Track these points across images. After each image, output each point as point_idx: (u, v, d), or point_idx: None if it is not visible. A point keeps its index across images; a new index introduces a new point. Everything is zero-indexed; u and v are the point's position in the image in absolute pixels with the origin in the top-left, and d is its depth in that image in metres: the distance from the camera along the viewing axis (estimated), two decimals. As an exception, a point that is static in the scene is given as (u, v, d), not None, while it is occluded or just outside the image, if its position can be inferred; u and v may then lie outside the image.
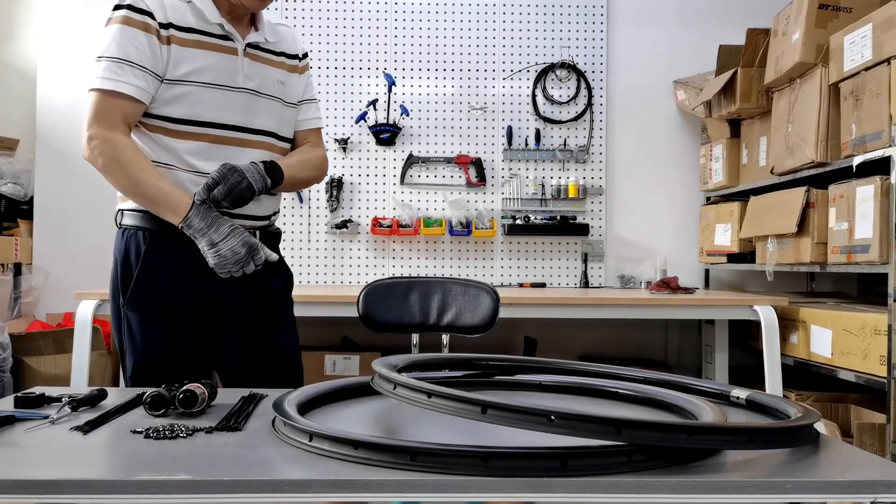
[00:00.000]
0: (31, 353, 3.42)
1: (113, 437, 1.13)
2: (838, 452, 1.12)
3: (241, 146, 1.72)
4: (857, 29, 2.68)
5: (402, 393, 1.13)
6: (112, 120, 1.61)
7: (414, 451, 0.96)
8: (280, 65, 1.81)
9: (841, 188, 2.77)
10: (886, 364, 2.53)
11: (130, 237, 1.71)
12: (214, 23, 1.68)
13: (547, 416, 0.96)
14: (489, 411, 0.99)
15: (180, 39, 1.64)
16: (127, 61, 1.60)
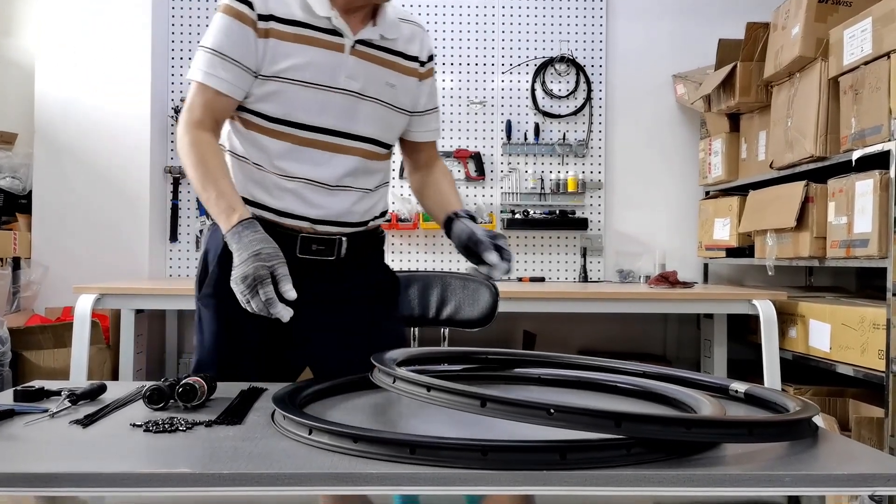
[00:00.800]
0: (30, 347, 3.42)
1: (112, 431, 1.13)
2: (836, 446, 1.12)
3: (332, 151, 1.59)
4: (856, 23, 2.67)
5: (401, 387, 1.13)
6: (200, 113, 1.52)
7: (413, 445, 0.96)
8: (393, 65, 1.63)
9: (840, 182, 2.77)
10: (885, 358, 2.54)
11: (214, 233, 1.64)
12: (322, 16, 1.53)
13: (546, 409, 0.96)
14: (488, 405, 0.99)
15: (280, 32, 1.52)
16: (220, 53, 1.50)
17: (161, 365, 4.01)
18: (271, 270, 1.38)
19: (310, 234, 1.60)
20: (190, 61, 4.13)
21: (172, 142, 4.03)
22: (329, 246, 1.61)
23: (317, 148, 1.57)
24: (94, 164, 3.82)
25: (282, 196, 1.58)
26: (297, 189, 1.58)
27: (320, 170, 1.58)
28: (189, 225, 4.03)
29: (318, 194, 1.59)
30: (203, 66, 1.52)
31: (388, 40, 1.62)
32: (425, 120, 1.75)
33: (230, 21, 1.51)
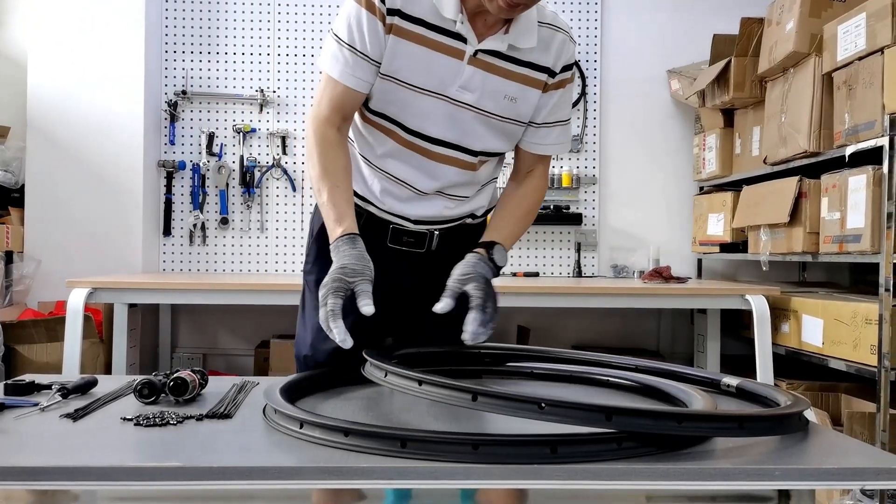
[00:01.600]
0: (22, 341, 3.41)
1: (103, 425, 1.13)
2: (827, 440, 1.12)
3: (436, 160, 1.50)
4: (850, 18, 2.67)
5: (392, 381, 1.13)
6: (328, 109, 1.47)
7: (404, 439, 0.96)
8: (519, 77, 1.48)
9: (833, 178, 2.78)
10: (877, 353, 2.54)
11: (317, 213, 1.60)
12: (448, 18, 1.41)
13: (537, 403, 0.96)
14: (479, 398, 0.99)
15: (401, 30, 1.42)
16: (353, 49, 1.43)
17: (155, 359, 4.01)
18: (352, 286, 1.32)
19: (401, 227, 1.56)
20: (183, 54, 4.10)
21: (166, 136, 4.02)
22: (419, 239, 1.57)
23: (420, 154, 1.51)
24: (88, 158, 3.81)
25: (377, 190, 1.55)
26: (393, 189, 1.54)
27: (420, 176, 1.52)
28: (182, 219, 4.02)
29: (412, 198, 1.54)
30: (335, 59, 1.45)
31: (520, 50, 1.46)
32: (545, 132, 1.55)
33: (363, 13, 1.42)
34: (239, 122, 4.03)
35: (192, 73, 4.02)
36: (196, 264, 4.02)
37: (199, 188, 4.00)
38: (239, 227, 4.03)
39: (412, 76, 1.44)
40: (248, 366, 3.97)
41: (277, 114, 4.05)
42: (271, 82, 4.04)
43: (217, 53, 4.04)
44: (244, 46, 4.04)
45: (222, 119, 4.04)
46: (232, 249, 4.04)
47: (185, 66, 4.03)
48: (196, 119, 4.03)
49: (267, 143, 4.04)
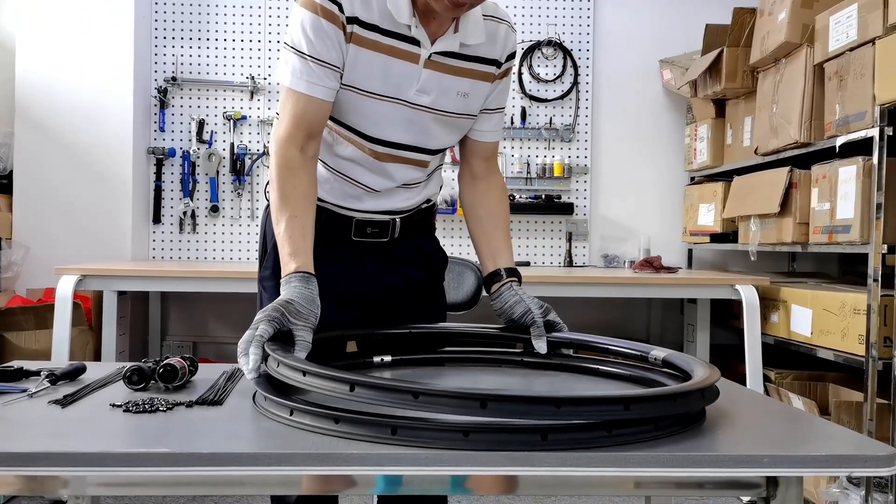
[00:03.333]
0: (11, 328, 3.39)
1: (91, 411, 1.13)
2: (815, 427, 1.13)
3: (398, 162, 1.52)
4: (842, 9, 2.67)
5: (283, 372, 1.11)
6: (295, 125, 1.41)
7: (395, 426, 0.96)
8: (469, 73, 1.50)
9: (823, 169, 2.78)
10: (865, 343, 2.56)
11: (269, 216, 1.56)
12: (403, 23, 1.42)
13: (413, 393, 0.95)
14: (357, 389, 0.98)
15: (360, 38, 1.41)
16: (317, 60, 1.40)
17: (144, 346, 3.99)
18: (291, 328, 1.25)
19: (364, 219, 1.56)
20: (173, 40, 4.07)
21: (156, 122, 3.99)
22: (383, 228, 1.57)
23: (378, 158, 1.51)
24: (76, 145, 3.78)
25: (339, 194, 1.54)
26: (351, 190, 1.54)
27: (377, 178, 1.53)
28: (172, 207, 4.00)
29: (375, 197, 1.55)
30: (299, 72, 1.40)
31: (468, 47, 1.48)
32: (485, 118, 1.60)
33: (320, 21, 1.39)
34: (229, 109, 4.00)
35: (182, 59, 4.00)
36: (186, 252, 4.01)
37: (189, 176, 3.98)
38: (229, 215, 4.02)
39: (371, 84, 1.44)
40: (239, 354, 3.96)
41: (268, 101, 4.03)
42: (262, 69, 4.02)
43: (207, 40, 4.01)
44: (234, 33, 4.02)
45: (212, 106, 4.01)
46: (222, 237, 4.02)
47: (174, 52, 4.00)
48: (186, 106, 4.00)
49: (258, 130, 4.02)
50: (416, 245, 1.63)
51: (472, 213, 1.67)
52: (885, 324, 2.52)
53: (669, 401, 1.01)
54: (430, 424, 0.96)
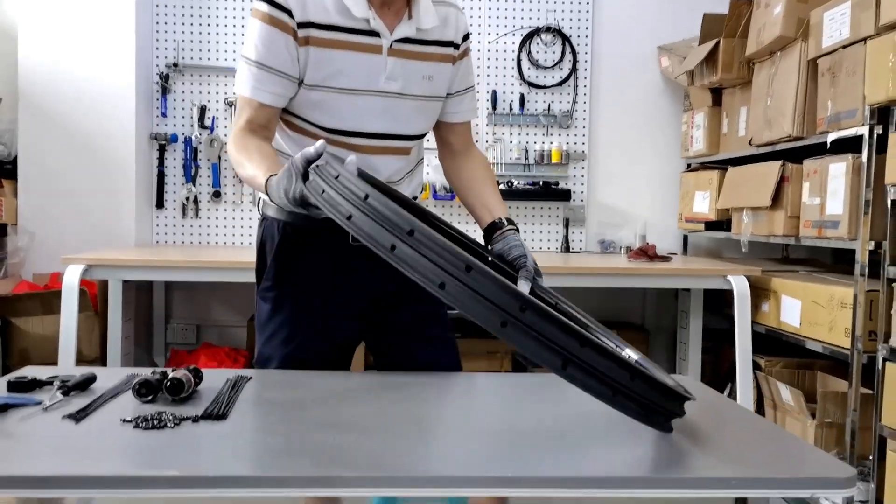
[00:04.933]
0: (18, 314, 3.46)
1: (103, 426, 1.19)
2: (785, 446, 1.19)
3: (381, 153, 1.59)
4: (836, 6, 2.70)
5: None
6: (246, 125, 1.52)
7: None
8: (429, 56, 1.59)
9: (815, 164, 2.83)
10: (851, 336, 2.63)
11: (268, 227, 1.65)
12: (360, 17, 1.50)
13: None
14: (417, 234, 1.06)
15: (319, 40, 1.49)
16: (262, 65, 1.48)
17: (149, 331, 4.07)
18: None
19: None
20: (174, 26, 4.09)
21: (158, 108, 4.03)
22: None
23: (366, 153, 1.56)
24: (80, 130, 3.82)
25: None
26: None
27: (372, 173, 1.57)
28: (175, 192, 4.05)
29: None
30: (248, 79, 1.50)
31: (424, 31, 1.57)
32: (457, 100, 1.69)
33: (269, 30, 1.47)
34: (230, 95, 4.04)
35: (184, 45, 4.02)
36: (189, 237, 4.07)
37: (191, 161, 4.03)
38: (231, 200, 4.07)
39: (340, 80, 1.51)
40: (241, 337, 4.04)
41: (269, 87, 4.05)
42: (263, 55, 4.04)
43: (208, 26, 4.04)
44: (235, 18, 4.04)
45: (214, 92, 4.05)
46: (224, 222, 4.08)
47: (176, 38, 4.02)
48: (188, 92, 4.04)
49: (258, 116, 4.05)
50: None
51: (459, 181, 1.75)
52: (871, 318, 2.59)
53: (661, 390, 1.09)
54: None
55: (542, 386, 1.53)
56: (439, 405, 1.44)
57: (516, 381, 1.80)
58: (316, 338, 1.63)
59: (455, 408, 1.45)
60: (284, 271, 1.62)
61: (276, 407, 1.35)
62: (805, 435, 2.84)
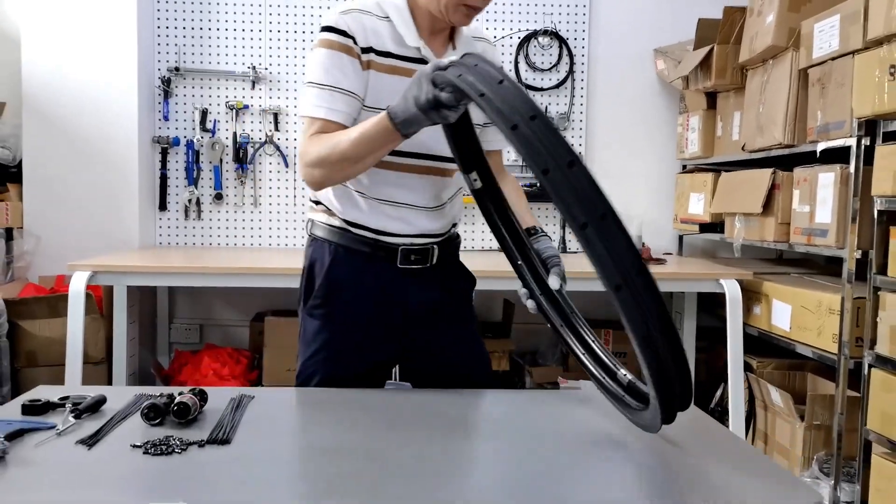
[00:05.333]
0: (25, 316, 3.54)
1: (115, 452, 1.26)
2: (758, 470, 1.26)
3: (426, 173, 1.69)
4: (826, 18, 2.75)
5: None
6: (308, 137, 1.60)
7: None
8: None
9: (805, 172, 2.88)
10: (838, 342, 2.69)
11: (318, 248, 1.74)
12: (412, 46, 1.62)
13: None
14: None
15: (378, 64, 1.60)
16: (336, 88, 1.57)
17: (153, 329, 4.15)
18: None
19: (409, 246, 1.71)
20: (176, 30, 4.13)
21: (160, 112, 4.08)
22: (424, 255, 1.73)
23: (414, 173, 1.67)
24: (84, 134, 3.88)
25: (384, 219, 1.69)
26: (399, 213, 1.69)
27: (417, 194, 1.69)
28: (178, 194, 4.11)
29: (417, 215, 1.70)
30: (322, 101, 1.57)
31: None
32: (493, 130, 1.75)
33: (338, 55, 1.57)
34: (231, 98, 4.09)
35: (185, 50, 4.07)
36: (191, 238, 4.13)
37: (193, 164, 4.09)
38: (233, 203, 4.14)
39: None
40: (244, 337, 4.12)
41: (269, 90, 4.11)
42: (263, 59, 4.09)
43: (209, 30, 4.08)
44: (236, 23, 4.08)
45: (215, 96, 4.10)
46: (226, 224, 4.15)
47: (177, 42, 4.07)
48: (189, 96, 4.09)
49: (259, 119, 4.11)
50: (449, 271, 1.81)
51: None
52: (858, 325, 2.65)
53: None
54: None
55: (545, 403, 1.60)
56: (448, 429, 1.51)
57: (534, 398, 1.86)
58: (358, 357, 1.73)
59: (463, 433, 1.51)
60: (334, 291, 1.71)
61: (277, 430, 1.42)
62: (794, 436, 2.92)
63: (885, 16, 2.37)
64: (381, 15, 1.62)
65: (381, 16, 1.62)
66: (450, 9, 1.58)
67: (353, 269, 1.71)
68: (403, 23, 1.62)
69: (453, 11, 1.59)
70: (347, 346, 1.72)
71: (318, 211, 1.76)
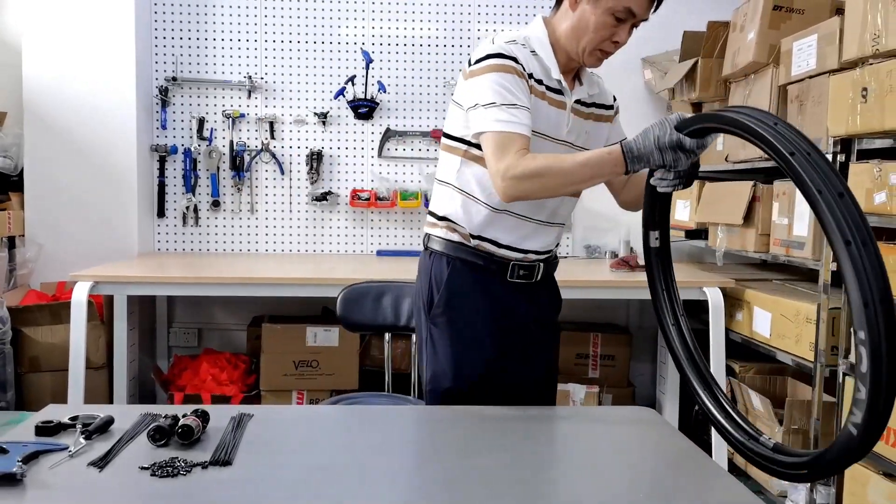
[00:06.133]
0: (29, 323, 3.63)
1: (124, 474, 1.35)
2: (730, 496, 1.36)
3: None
4: (804, 37, 2.84)
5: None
6: (513, 151, 1.69)
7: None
8: (590, 116, 1.91)
9: (784, 185, 2.98)
10: (814, 350, 2.80)
11: (436, 262, 1.90)
12: (555, 78, 1.80)
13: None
14: None
15: (535, 90, 1.77)
16: (522, 107, 1.71)
17: (152, 334, 4.24)
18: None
19: (519, 262, 1.87)
20: (173, 41, 4.19)
21: (158, 121, 4.16)
22: (531, 271, 1.90)
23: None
24: (84, 143, 3.97)
25: (513, 233, 1.85)
26: (529, 227, 1.86)
27: (535, 208, 1.85)
28: (176, 201, 4.20)
29: (539, 230, 1.88)
30: (506, 117, 1.69)
31: (590, 95, 1.90)
32: None
33: (513, 77, 1.72)
34: (228, 107, 4.18)
35: (182, 59, 4.15)
36: (189, 244, 4.22)
37: (190, 171, 4.17)
38: (230, 209, 4.22)
39: (540, 125, 1.78)
40: (241, 341, 4.21)
41: (265, 99, 4.19)
42: (259, 68, 4.18)
43: (206, 40, 4.16)
44: (232, 33, 4.16)
45: (212, 104, 4.18)
46: (224, 230, 4.24)
47: (174, 52, 4.15)
48: (186, 104, 4.18)
49: (255, 127, 4.20)
50: (547, 288, 1.98)
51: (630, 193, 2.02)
52: (833, 334, 2.76)
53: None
54: None
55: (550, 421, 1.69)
56: (450, 446, 1.61)
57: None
58: (479, 359, 1.88)
59: (463, 450, 1.61)
60: (453, 301, 1.87)
61: (277, 450, 1.52)
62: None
63: (859, 39, 2.46)
64: (531, 49, 1.79)
65: (530, 50, 1.79)
66: (586, 53, 1.78)
67: (469, 281, 1.87)
68: (548, 58, 1.79)
69: (589, 55, 1.79)
70: (469, 350, 1.87)
71: (438, 226, 1.91)
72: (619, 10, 1.74)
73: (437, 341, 1.89)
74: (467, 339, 1.87)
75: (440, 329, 1.88)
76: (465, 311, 1.87)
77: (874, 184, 2.42)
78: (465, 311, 1.87)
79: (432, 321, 1.89)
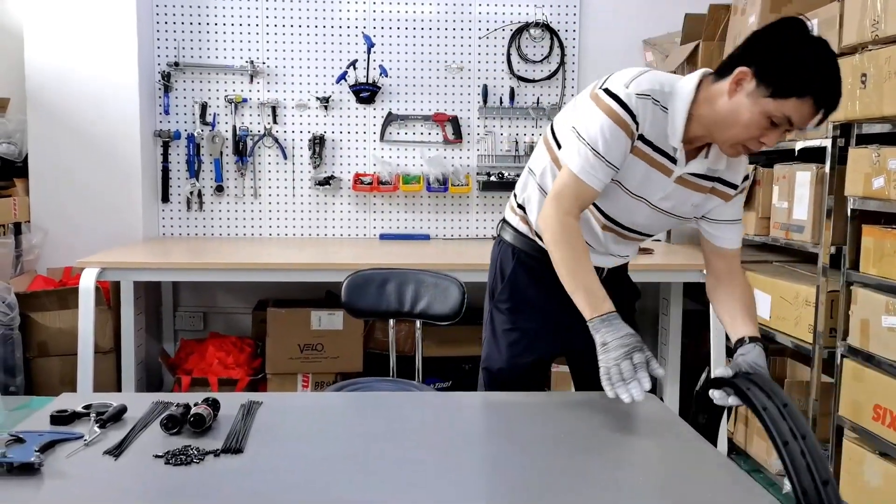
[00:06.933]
0: (36, 309, 3.67)
1: (138, 462, 1.39)
2: (726, 481, 1.40)
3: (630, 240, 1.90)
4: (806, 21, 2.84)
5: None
6: (574, 203, 1.71)
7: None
8: (704, 189, 1.78)
9: (784, 169, 3.00)
10: (813, 332, 2.84)
11: (504, 251, 1.98)
12: (672, 146, 1.70)
13: None
14: None
15: (638, 150, 1.70)
16: (610, 163, 1.67)
17: (158, 319, 4.28)
18: (639, 348, 1.59)
19: None
20: (174, 26, 4.18)
21: (161, 106, 4.18)
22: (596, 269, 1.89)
23: (619, 236, 1.87)
24: (87, 129, 3.98)
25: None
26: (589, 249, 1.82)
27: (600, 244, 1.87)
28: (179, 186, 4.22)
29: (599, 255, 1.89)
30: (587, 165, 1.67)
31: (713, 170, 1.75)
32: (725, 227, 1.84)
33: (618, 130, 1.65)
34: (230, 92, 4.19)
35: (184, 44, 4.16)
36: (193, 229, 4.25)
37: (194, 157, 4.19)
38: (233, 194, 4.25)
39: (629, 182, 1.75)
40: (247, 324, 4.25)
41: (267, 84, 4.20)
42: (261, 53, 4.18)
43: (207, 25, 4.17)
44: (234, 18, 4.16)
45: (214, 90, 4.19)
46: (227, 215, 4.26)
47: (176, 38, 4.15)
48: (189, 90, 4.19)
49: (258, 112, 4.21)
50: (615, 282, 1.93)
51: (718, 301, 1.90)
52: (832, 316, 2.79)
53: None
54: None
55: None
56: (460, 432, 1.64)
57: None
58: (533, 348, 1.97)
59: (474, 436, 1.65)
60: (516, 291, 1.96)
61: (286, 437, 1.56)
62: (772, 420, 3.06)
63: (858, 25, 2.47)
64: (663, 105, 1.67)
65: (663, 105, 1.67)
66: (728, 144, 1.65)
67: (533, 273, 1.93)
68: (677, 125, 1.66)
69: (730, 147, 1.66)
70: (526, 338, 1.95)
71: (515, 216, 1.98)
72: (777, 116, 1.58)
73: (497, 326, 1.98)
74: (523, 331, 1.95)
75: (501, 315, 1.98)
76: (524, 304, 1.95)
77: (873, 168, 2.45)
78: (525, 305, 1.95)
79: (495, 306, 1.99)
